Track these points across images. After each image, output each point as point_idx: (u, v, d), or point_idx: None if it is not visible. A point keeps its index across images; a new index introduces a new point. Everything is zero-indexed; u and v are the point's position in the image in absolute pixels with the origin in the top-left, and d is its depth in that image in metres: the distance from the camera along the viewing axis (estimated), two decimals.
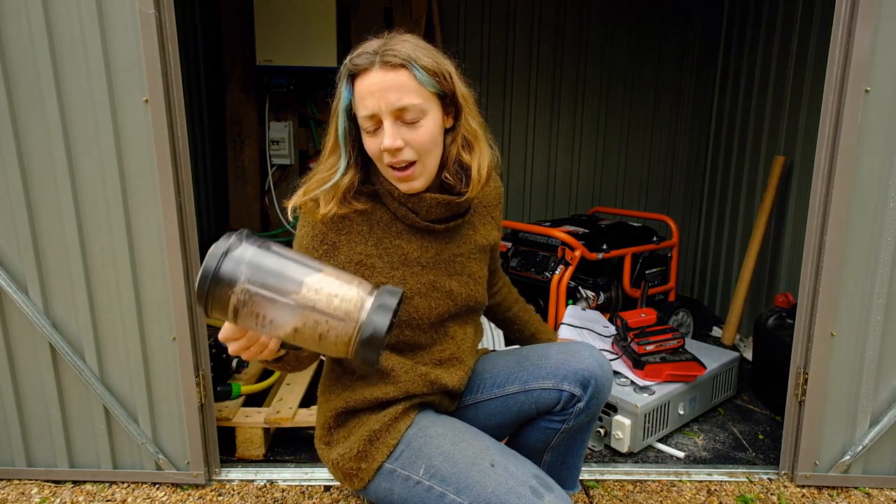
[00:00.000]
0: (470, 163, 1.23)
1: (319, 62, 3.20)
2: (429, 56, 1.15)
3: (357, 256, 1.23)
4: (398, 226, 1.26)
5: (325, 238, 1.21)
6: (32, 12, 1.57)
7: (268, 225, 3.55)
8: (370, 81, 1.12)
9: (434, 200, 1.22)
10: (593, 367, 1.33)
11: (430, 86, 1.14)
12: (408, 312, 1.28)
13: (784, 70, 2.86)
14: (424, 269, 1.28)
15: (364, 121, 1.15)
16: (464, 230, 1.34)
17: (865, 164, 1.69)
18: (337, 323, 0.88)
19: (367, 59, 1.12)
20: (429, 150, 1.17)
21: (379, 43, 1.15)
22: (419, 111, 1.13)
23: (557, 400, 1.34)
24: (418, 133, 1.14)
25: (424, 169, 1.18)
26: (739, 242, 3.26)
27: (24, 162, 1.66)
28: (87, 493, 1.83)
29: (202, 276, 0.86)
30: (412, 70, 1.12)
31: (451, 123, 1.22)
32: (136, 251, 1.71)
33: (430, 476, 1.20)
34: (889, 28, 1.61)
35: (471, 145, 1.24)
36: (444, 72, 1.16)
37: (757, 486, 1.90)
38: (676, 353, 2.20)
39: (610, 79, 3.83)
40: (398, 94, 1.11)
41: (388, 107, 1.12)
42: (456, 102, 1.20)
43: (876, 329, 1.77)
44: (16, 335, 1.77)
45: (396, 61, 1.11)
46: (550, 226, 2.81)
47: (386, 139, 1.12)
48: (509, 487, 1.12)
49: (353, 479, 1.30)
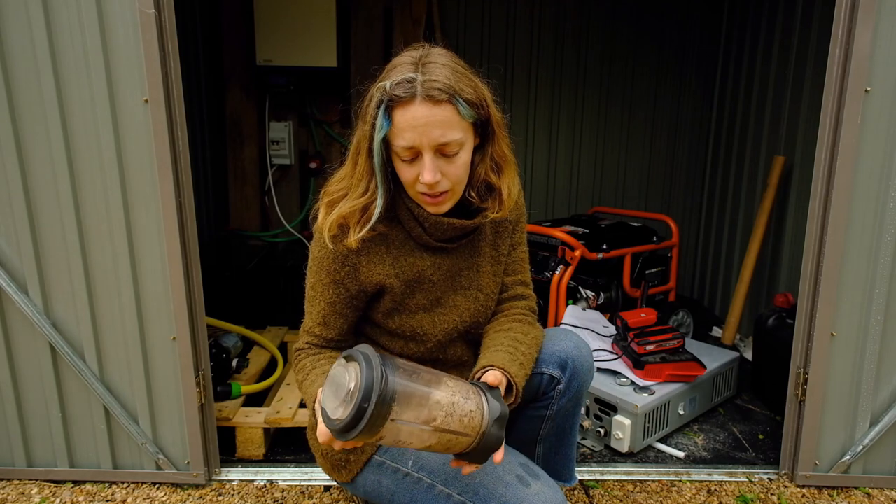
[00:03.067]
0: (498, 185, 1.23)
1: (319, 62, 3.19)
2: (469, 84, 1.12)
3: (376, 277, 1.24)
4: (412, 244, 1.27)
5: (347, 260, 1.22)
6: (33, 12, 1.57)
7: (268, 225, 3.55)
8: (413, 115, 1.08)
9: (451, 225, 1.23)
10: (570, 349, 1.34)
11: (469, 117, 1.12)
12: (411, 327, 1.30)
13: (784, 70, 2.86)
14: (434, 286, 1.29)
15: (401, 150, 1.12)
16: (476, 242, 1.33)
17: (865, 164, 1.69)
18: (464, 438, 1.02)
19: (408, 90, 1.07)
20: (462, 180, 1.18)
21: (414, 66, 1.10)
22: (459, 144, 1.13)
23: (538, 384, 1.35)
24: (456, 165, 1.14)
25: (455, 194, 1.19)
26: (739, 242, 3.26)
27: (24, 162, 1.66)
28: (87, 493, 1.83)
29: (363, 417, 0.91)
30: (456, 104, 1.09)
31: (478, 141, 1.20)
32: (136, 251, 1.71)
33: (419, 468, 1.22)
34: (889, 28, 1.61)
35: (500, 168, 1.24)
36: (483, 100, 1.14)
37: (757, 486, 1.90)
38: (676, 353, 2.20)
39: (610, 79, 3.83)
40: (441, 129, 1.09)
41: (431, 142, 1.09)
42: (489, 127, 1.19)
43: (876, 329, 1.77)
44: (16, 335, 1.77)
45: (442, 97, 1.07)
46: (550, 226, 2.81)
47: (426, 174, 1.11)
48: (496, 477, 1.15)
49: (342, 470, 1.31)
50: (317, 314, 1.27)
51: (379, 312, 1.30)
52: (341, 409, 0.94)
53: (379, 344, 1.35)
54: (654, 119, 3.91)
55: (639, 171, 3.99)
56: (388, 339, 1.34)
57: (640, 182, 4.01)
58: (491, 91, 1.19)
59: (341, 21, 3.23)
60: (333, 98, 3.40)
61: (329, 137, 3.50)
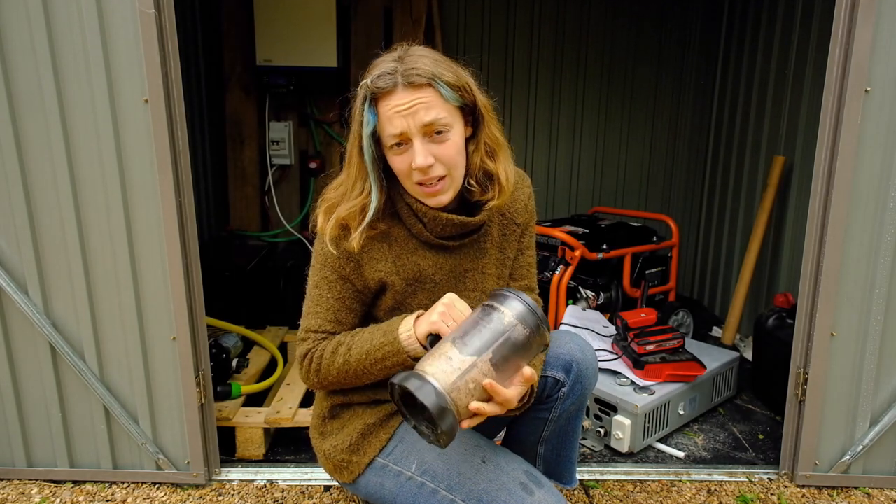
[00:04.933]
0: (495, 170, 1.24)
1: (319, 62, 3.19)
2: (449, 70, 1.15)
3: (378, 275, 1.25)
4: (414, 242, 1.27)
5: (351, 256, 1.23)
6: (32, 12, 1.57)
7: (268, 225, 3.55)
8: (396, 102, 1.12)
9: (449, 221, 1.23)
10: (574, 352, 1.34)
11: (453, 100, 1.14)
12: None
13: (784, 70, 2.86)
14: (437, 287, 1.29)
15: (391, 140, 1.14)
16: (481, 244, 1.33)
17: (865, 164, 1.69)
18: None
19: (389, 80, 1.12)
20: (456, 163, 1.18)
21: (395, 61, 1.14)
22: (445, 124, 1.14)
23: (542, 387, 1.35)
24: (446, 147, 1.15)
25: (452, 182, 1.19)
26: (739, 242, 3.26)
27: (24, 162, 1.66)
28: (87, 493, 1.83)
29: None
30: (437, 87, 1.12)
31: (470, 132, 1.22)
32: (136, 251, 1.71)
33: (423, 472, 1.22)
34: (889, 28, 1.61)
35: (494, 153, 1.24)
36: (465, 84, 1.17)
37: (757, 486, 1.90)
38: (676, 353, 2.20)
39: (610, 78, 3.83)
40: (426, 110, 1.12)
41: (418, 123, 1.12)
42: (477, 112, 1.20)
43: (876, 329, 1.77)
44: (16, 335, 1.77)
45: (422, 81, 1.11)
46: (550, 226, 2.81)
47: (418, 157, 1.13)
48: (500, 484, 1.15)
49: (344, 471, 1.31)
50: (326, 311, 1.25)
51: (381, 310, 1.30)
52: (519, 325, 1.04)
53: None
54: (654, 119, 3.91)
55: (639, 171, 3.99)
56: None
57: (640, 182, 4.01)
58: (475, 78, 1.21)
59: (341, 21, 3.23)
60: (333, 98, 3.40)
61: (329, 137, 3.50)
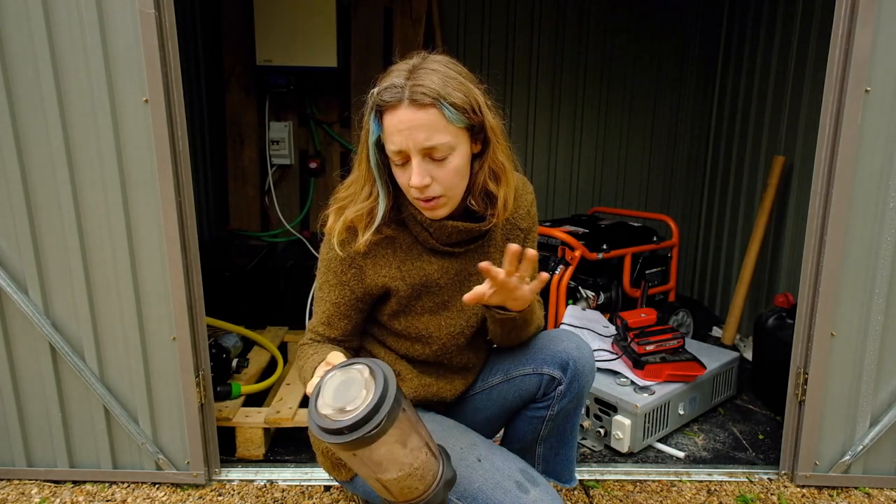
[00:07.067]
0: (496, 193, 1.23)
1: (319, 62, 3.19)
2: (459, 89, 1.12)
3: (382, 280, 1.25)
4: (419, 248, 1.28)
5: (353, 262, 1.24)
6: (32, 12, 1.57)
7: (268, 225, 3.55)
8: (398, 119, 1.10)
9: (455, 229, 1.24)
10: (571, 350, 1.34)
11: (458, 122, 1.12)
12: (416, 329, 1.31)
13: (784, 70, 2.86)
14: (442, 290, 1.30)
15: (392, 154, 1.14)
16: (485, 248, 1.34)
17: (865, 164, 1.69)
18: (419, 485, 1.02)
19: (395, 94, 1.10)
20: (454, 185, 1.17)
21: (407, 73, 1.11)
22: (448, 148, 1.12)
23: (538, 385, 1.36)
24: (446, 170, 1.14)
25: (450, 200, 1.19)
26: (739, 242, 3.26)
27: (24, 162, 1.65)
28: (87, 493, 1.83)
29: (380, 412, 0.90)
30: (441, 108, 1.09)
31: (479, 149, 1.20)
32: (135, 251, 1.71)
33: None
34: (889, 28, 1.61)
35: (498, 177, 1.23)
36: (474, 105, 1.14)
37: (757, 486, 1.90)
38: (676, 353, 2.20)
39: (610, 79, 3.83)
40: (427, 133, 1.10)
41: (417, 146, 1.10)
42: (485, 133, 1.18)
43: (876, 329, 1.77)
44: (16, 335, 1.77)
45: (426, 101, 1.08)
46: (550, 226, 2.81)
47: (414, 177, 1.12)
48: (495, 482, 1.15)
49: (342, 469, 1.32)
50: (322, 314, 1.30)
51: (384, 314, 1.31)
52: (355, 401, 0.91)
53: (385, 345, 1.36)
54: (653, 119, 3.91)
55: (639, 171, 4.00)
56: (395, 340, 1.35)
57: (640, 182, 4.02)
58: (489, 98, 1.18)
59: (341, 21, 3.23)
60: (333, 98, 3.40)
61: (329, 137, 3.49)
